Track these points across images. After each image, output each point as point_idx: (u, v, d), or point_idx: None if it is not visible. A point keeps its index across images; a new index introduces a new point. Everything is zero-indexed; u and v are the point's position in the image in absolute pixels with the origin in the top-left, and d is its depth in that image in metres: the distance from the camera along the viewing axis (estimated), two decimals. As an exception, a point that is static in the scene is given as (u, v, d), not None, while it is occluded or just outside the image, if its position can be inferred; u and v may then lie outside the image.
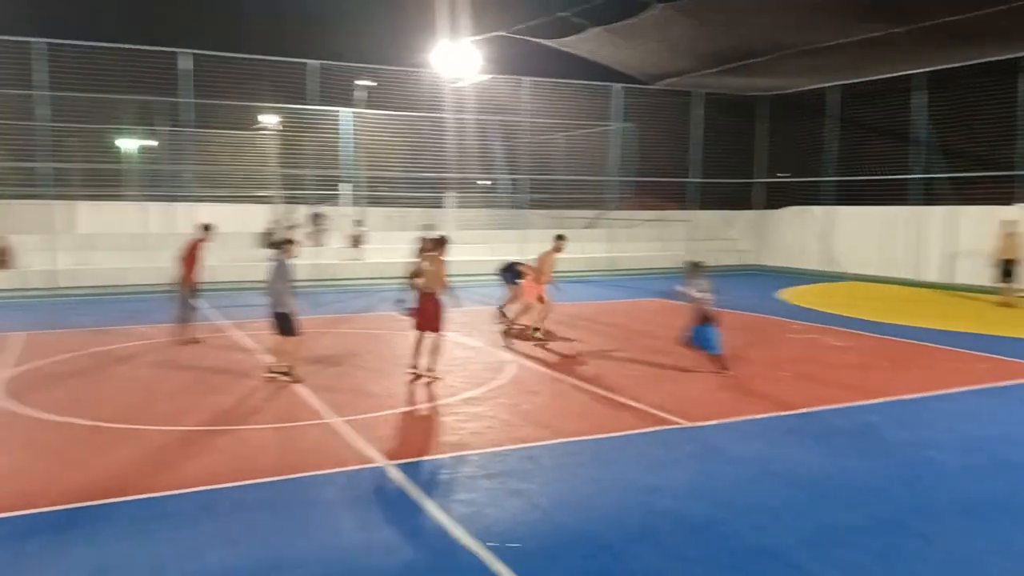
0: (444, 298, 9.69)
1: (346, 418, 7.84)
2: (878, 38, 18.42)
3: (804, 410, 8.36)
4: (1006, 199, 20.31)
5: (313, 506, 5.63)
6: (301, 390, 8.98)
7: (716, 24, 18.59)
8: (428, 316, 9.59)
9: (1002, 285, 17.26)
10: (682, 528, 5.30)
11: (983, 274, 18.52)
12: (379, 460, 6.58)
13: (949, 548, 5.04)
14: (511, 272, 13.85)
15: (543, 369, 10.33)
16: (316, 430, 7.50)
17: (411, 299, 9.93)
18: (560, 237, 13.00)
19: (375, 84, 23.49)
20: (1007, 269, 17.09)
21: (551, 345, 12.12)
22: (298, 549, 4.95)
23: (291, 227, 23.16)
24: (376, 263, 22.96)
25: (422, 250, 15.83)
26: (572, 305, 17.26)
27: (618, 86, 25.31)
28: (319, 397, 8.65)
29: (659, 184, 28.03)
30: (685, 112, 26.89)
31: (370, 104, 24.45)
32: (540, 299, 12.58)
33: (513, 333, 12.44)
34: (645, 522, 5.38)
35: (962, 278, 21.47)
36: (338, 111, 24.00)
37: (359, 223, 23.65)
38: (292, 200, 24.96)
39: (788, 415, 8.19)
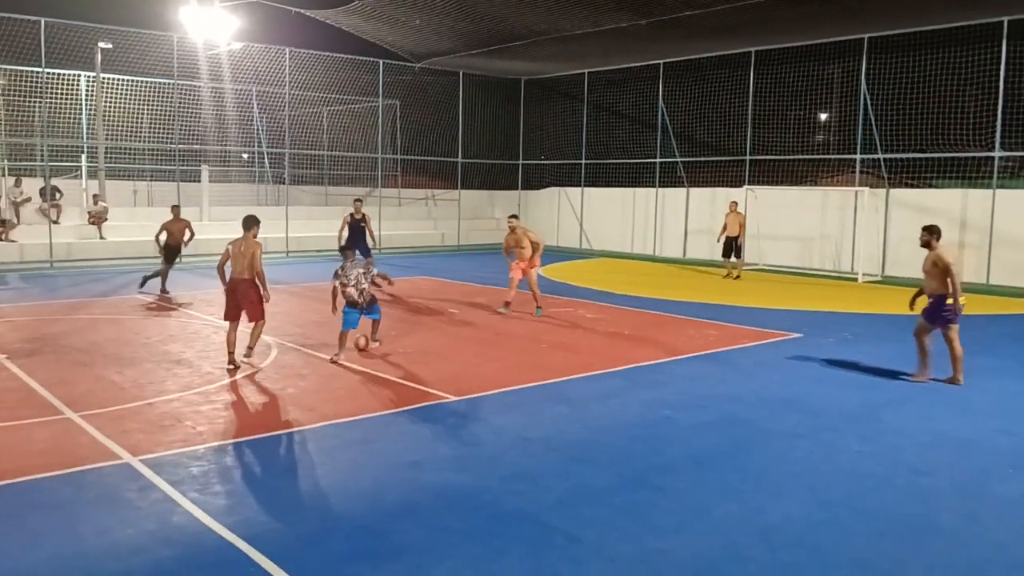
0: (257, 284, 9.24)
1: (85, 412, 7.19)
2: (624, 29, 19.75)
3: (560, 379, 8.88)
4: (738, 182, 22.72)
5: (48, 510, 5.12)
6: (32, 383, 8.10)
7: (477, 6, 18.96)
8: (243, 303, 9.12)
9: (727, 260, 19.34)
10: (443, 500, 5.44)
11: (714, 250, 20.63)
12: (125, 456, 6.11)
13: (681, 497, 5.60)
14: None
15: (310, 351, 10.09)
16: (51, 427, 6.81)
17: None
18: (513, 216, 13.74)
19: (110, 46, 21.37)
20: (731, 245, 19.15)
21: (320, 326, 11.86)
22: (29, 560, 4.49)
23: (21, 202, 20.69)
24: (119, 242, 21.14)
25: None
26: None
27: (384, 62, 25.08)
28: (53, 391, 7.86)
29: (427, 163, 28.25)
30: (452, 92, 27.24)
31: (112, 69, 22.31)
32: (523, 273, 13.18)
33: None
34: (407, 498, 5.46)
35: (695, 254, 23.85)
36: (78, 75, 21.73)
37: (99, 198, 21.61)
38: (21, 172, 22.28)
39: (545, 384, 8.66)
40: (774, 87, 22.20)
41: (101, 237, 21.03)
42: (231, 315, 9.20)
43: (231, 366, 8.97)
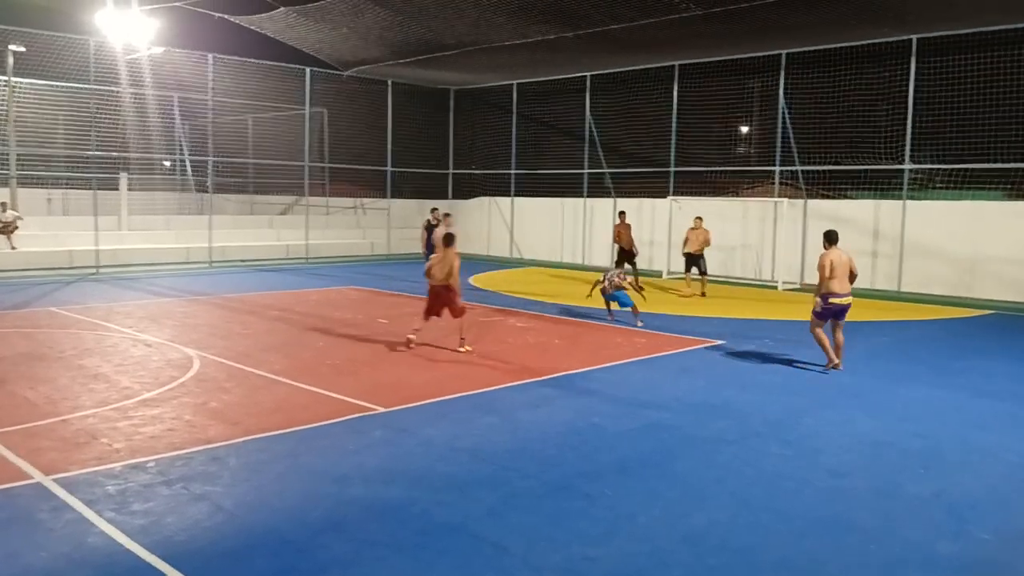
0: (455, 287, 10.97)
1: (-7, 432, 6.86)
2: (551, 41, 19.97)
3: (489, 388, 8.89)
4: (663, 193, 23.17)
5: (-52, 537, 4.87)
6: (-67, 403, 7.69)
7: (404, 15, 18.91)
8: (442, 303, 10.98)
9: (688, 274, 18.38)
10: (371, 514, 5.38)
11: (640, 258, 20.99)
12: (37, 476, 5.85)
13: (609, 504, 5.66)
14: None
15: (235, 364, 9.86)
16: (-47, 448, 6.47)
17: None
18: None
19: (23, 50, 20.55)
20: (694, 262, 18.18)
21: (245, 338, 11.60)
22: (-73, 589, 4.26)
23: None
24: (32, 252, 20.33)
25: None
26: (268, 295, 16.66)
27: (311, 70, 24.74)
28: (-42, 410, 7.48)
29: (356, 171, 27.98)
30: (381, 101, 27.05)
31: (25, 73, 21.41)
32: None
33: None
34: (333, 512, 5.37)
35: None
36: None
37: (8, 206, 20.71)
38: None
39: (475, 394, 8.65)
40: (698, 100, 22.75)
41: (12, 247, 20.16)
42: (429, 313, 11.11)
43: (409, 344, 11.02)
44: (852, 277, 10.06)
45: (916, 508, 5.75)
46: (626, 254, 19.01)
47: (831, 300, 9.95)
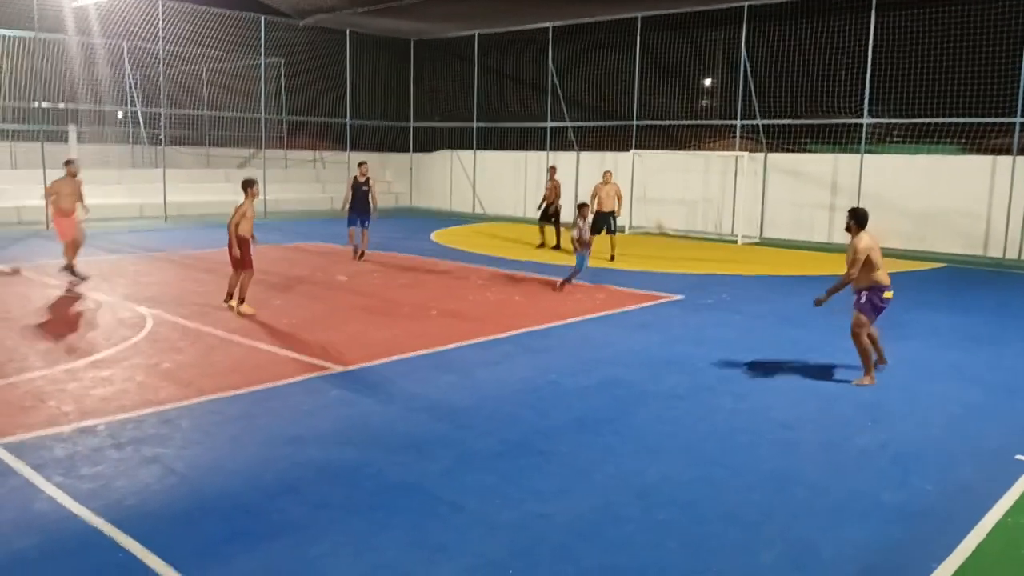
0: (249, 239, 10.49)
1: (-63, 396, 6.70)
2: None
3: (448, 346, 8.88)
4: (626, 146, 23.10)
5: None
6: None
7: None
8: (234, 255, 10.43)
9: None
10: (326, 475, 5.36)
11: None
12: (-19, 441, 5.74)
13: (564, 461, 5.72)
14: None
15: (190, 323, 9.70)
16: None
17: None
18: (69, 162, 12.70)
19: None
20: (606, 221, 17.98)
21: (202, 295, 11.42)
22: None
23: None
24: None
25: None
26: (224, 251, 16.36)
27: (265, 18, 24.03)
28: (-101, 373, 7.28)
29: (315, 124, 27.44)
30: (339, 51, 26.44)
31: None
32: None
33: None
34: (287, 475, 5.35)
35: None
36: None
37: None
38: None
39: (434, 352, 8.63)
40: (661, 53, 22.59)
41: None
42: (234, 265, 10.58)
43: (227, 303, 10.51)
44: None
45: (862, 459, 5.89)
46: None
47: (885, 295, 7.72)
